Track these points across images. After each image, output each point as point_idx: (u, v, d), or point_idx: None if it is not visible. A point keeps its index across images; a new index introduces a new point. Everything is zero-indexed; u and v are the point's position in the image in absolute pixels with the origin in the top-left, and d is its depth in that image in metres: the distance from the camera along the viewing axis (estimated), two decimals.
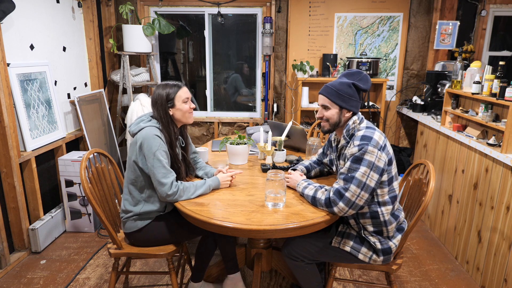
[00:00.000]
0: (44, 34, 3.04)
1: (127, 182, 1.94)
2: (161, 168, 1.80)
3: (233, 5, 4.08)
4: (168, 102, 1.91)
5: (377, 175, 1.66)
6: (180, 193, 1.82)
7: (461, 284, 2.51)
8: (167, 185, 1.80)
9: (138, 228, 1.93)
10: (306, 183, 1.86)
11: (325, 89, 1.82)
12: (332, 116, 1.80)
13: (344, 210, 1.68)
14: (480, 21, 3.97)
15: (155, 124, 1.90)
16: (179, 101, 1.92)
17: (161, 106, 1.91)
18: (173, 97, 1.91)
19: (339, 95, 1.77)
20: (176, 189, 1.81)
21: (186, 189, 1.85)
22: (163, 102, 1.90)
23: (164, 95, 1.90)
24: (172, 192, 1.80)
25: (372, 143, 1.66)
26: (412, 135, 4.25)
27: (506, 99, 2.26)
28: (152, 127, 1.87)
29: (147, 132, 1.84)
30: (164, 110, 1.91)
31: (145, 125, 1.88)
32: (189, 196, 1.85)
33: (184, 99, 1.94)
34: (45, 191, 3.05)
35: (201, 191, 1.89)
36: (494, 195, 2.34)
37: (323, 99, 1.82)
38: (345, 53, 4.11)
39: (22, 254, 2.72)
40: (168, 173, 1.82)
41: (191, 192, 1.86)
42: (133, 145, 1.88)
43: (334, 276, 1.93)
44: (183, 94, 1.94)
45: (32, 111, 2.81)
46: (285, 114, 4.30)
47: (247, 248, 2.28)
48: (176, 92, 1.92)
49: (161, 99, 1.90)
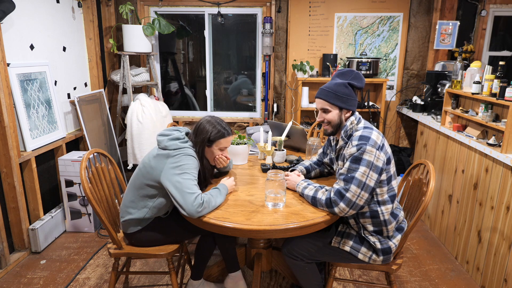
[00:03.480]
0: (44, 34, 3.04)
1: (137, 185, 1.89)
2: (190, 181, 1.74)
3: (233, 5, 4.08)
4: (208, 142, 1.90)
5: (376, 175, 1.66)
6: (205, 205, 1.71)
7: (461, 284, 2.51)
8: (194, 195, 1.70)
9: (138, 229, 1.93)
10: (306, 183, 1.86)
11: (322, 92, 1.81)
12: (333, 118, 1.80)
13: (345, 211, 1.68)
14: (480, 21, 3.97)
15: (191, 147, 1.86)
16: (217, 146, 1.93)
17: (200, 141, 1.89)
18: (215, 140, 1.90)
19: (338, 96, 1.77)
20: (202, 201, 1.70)
21: (209, 200, 1.74)
22: (204, 138, 1.89)
23: (209, 133, 1.88)
24: (198, 203, 1.68)
25: (370, 143, 1.67)
26: (412, 135, 4.25)
27: (506, 99, 2.26)
28: (190, 149, 1.84)
29: (186, 151, 1.81)
30: (201, 146, 1.90)
31: (182, 145, 1.83)
32: (213, 206, 1.75)
33: (222, 148, 1.95)
34: (45, 191, 3.05)
35: (220, 200, 1.80)
36: (494, 195, 2.34)
37: (322, 103, 1.81)
38: (345, 53, 4.11)
39: (22, 254, 2.72)
40: (196, 188, 1.75)
41: (213, 202, 1.76)
42: (162, 158, 1.80)
43: (334, 276, 1.93)
44: (224, 142, 1.93)
45: (32, 111, 2.81)
46: (285, 114, 4.30)
47: (247, 248, 2.28)
48: (220, 137, 1.91)
49: (204, 134, 1.88)
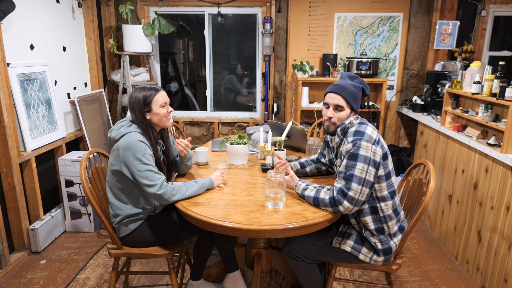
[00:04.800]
0: (44, 34, 3.04)
1: (111, 187, 1.91)
2: (148, 171, 1.77)
3: (233, 5, 4.08)
4: (145, 107, 1.87)
5: (374, 169, 1.67)
6: (172, 191, 1.78)
7: (461, 284, 2.51)
8: (157, 185, 1.76)
9: (131, 230, 1.92)
10: (305, 184, 1.85)
11: (341, 89, 1.77)
12: (343, 117, 1.79)
13: (350, 209, 1.68)
14: (480, 21, 3.97)
15: (136, 129, 1.86)
16: (156, 106, 1.88)
17: (138, 111, 1.87)
18: (150, 101, 1.87)
19: (354, 97, 1.77)
20: (166, 189, 1.77)
21: (178, 187, 1.81)
22: (140, 106, 1.86)
23: (141, 99, 1.86)
24: (163, 192, 1.76)
25: (365, 138, 1.67)
26: (412, 135, 4.25)
27: (506, 99, 2.26)
28: (134, 132, 1.83)
29: (130, 138, 1.80)
30: (142, 115, 1.87)
31: (126, 130, 1.84)
32: (183, 194, 1.81)
33: (162, 104, 1.90)
34: (45, 191, 3.05)
35: (194, 189, 1.85)
36: (494, 195, 2.34)
37: (339, 99, 1.77)
38: (345, 53, 4.11)
39: (22, 254, 2.72)
40: (157, 175, 1.79)
41: (184, 190, 1.81)
42: (115, 151, 1.83)
43: (334, 276, 1.93)
44: (160, 98, 1.89)
45: (32, 111, 2.81)
46: (285, 114, 4.30)
47: (247, 248, 2.28)
48: (153, 96, 1.88)
49: (138, 103, 1.86)
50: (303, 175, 2.16)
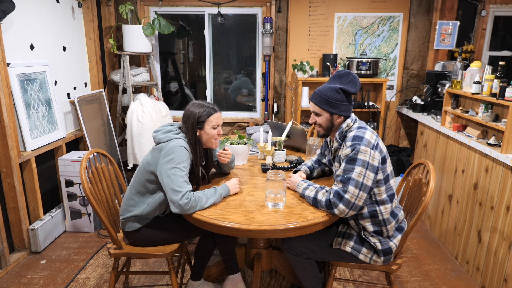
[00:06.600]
0: (44, 34, 3.04)
1: (138, 183, 1.90)
2: (179, 177, 1.74)
3: (233, 5, 4.08)
4: (199, 124, 1.88)
5: (373, 174, 1.66)
6: (192, 203, 1.72)
7: (461, 284, 2.51)
8: (181, 193, 1.71)
9: (136, 228, 1.93)
10: (306, 184, 1.86)
11: (314, 96, 1.82)
12: (324, 122, 1.83)
13: (345, 212, 1.68)
14: (480, 21, 3.97)
15: (184, 138, 1.88)
16: (209, 126, 1.89)
17: (191, 125, 1.88)
18: (204, 119, 1.88)
19: (328, 102, 1.77)
20: (188, 200, 1.71)
21: (198, 199, 1.75)
22: (194, 121, 1.87)
23: (196, 115, 1.87)
24: (184, 202, 1.70)
25: (364, 143, 1.67)
26: (412, 135, 4.25)
27: (506, 99, 2.26)
28: (182, 140, 1.84)
29: (177, 142, 1.81)
30: (193, 130, 1.89)
31: (174, 136, 1.85)
32: (202, 206, 1.75)
33: (214, 125, 1.91)
34: (45, 191, 3.05)
35: (212, 200, 1.80)
36: (494, 195, 2.34)
37: (313, 106, 1.83)
38: (345, 53, 4.11)
39: (22, 254, 2.72)
40: (185, 184, 1.75)
41: (204, 202, 1.76)
42: (156, 152, 1.84)
43: (334, 276, 1.93)
44: (214, 120, 1.90)
45: (32, 111, 2.81)
46: (285, 114, 4.30)
47: (247, 248, 2.28)
48: (208, 115, 1.89)
49: (192, 118, 1.87)
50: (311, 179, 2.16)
